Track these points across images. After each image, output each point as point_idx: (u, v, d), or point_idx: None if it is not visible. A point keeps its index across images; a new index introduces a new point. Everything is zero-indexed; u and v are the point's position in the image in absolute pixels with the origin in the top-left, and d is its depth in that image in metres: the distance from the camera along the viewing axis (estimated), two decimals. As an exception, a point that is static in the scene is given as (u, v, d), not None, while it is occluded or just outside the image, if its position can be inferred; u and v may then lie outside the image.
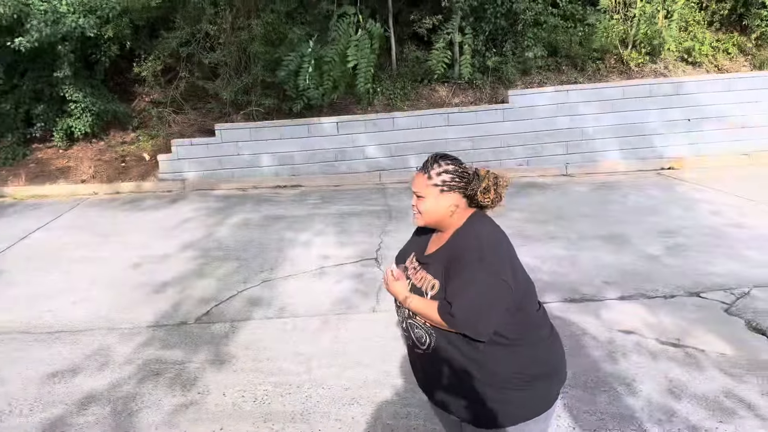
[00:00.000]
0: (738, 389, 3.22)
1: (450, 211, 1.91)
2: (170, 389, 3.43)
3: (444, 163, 1.92)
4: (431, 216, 1.93)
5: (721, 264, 5.14)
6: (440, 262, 1.89)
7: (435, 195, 1.90)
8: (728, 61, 10.52)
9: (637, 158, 9.77)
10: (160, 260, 5.77)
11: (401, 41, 10.67)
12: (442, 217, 1.92)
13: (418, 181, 1.93)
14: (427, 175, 1.91)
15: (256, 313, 4.48)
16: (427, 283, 1.89)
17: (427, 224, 1.97)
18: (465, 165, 1.95)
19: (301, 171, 9.55)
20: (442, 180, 1.90)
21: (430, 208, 1.91)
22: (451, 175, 1.90)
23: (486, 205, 1.95)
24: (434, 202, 1.90)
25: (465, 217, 1.93)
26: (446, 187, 1.89)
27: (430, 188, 1.90)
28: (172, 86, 10.29)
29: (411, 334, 1.98)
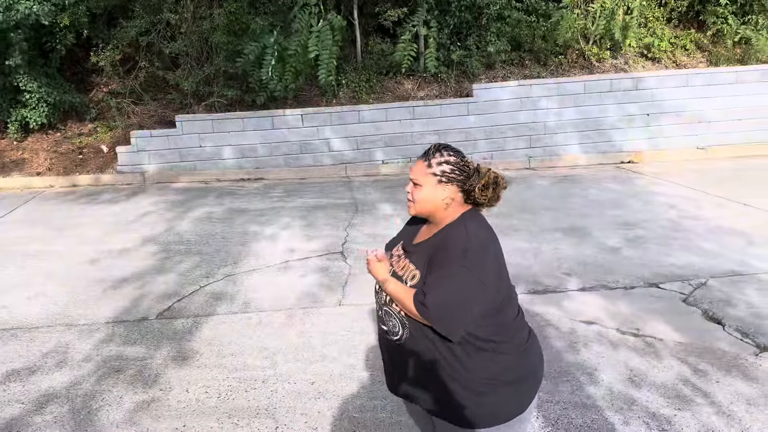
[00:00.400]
0: (694, 377, 3.31)
1: (445, 204, 1.87)
2: (131, 386, 3.35)
3: (446, 153, 1.88)
4: (425, 205, 1.89)
5: (678, 255, 5.28)
6: (424, 253, 1.86)
7: (432, 184, 1.86)
8: (686, 57, 10.80)
9: (598, 152, 9.96)
10: (119, 255, 5.63)
11: (366, 33, 10.62)
12: (436, 209, 1.88)
13: (417, 168, 1.89)
14: (427, 163, 1.87)
15: (220, 308, 4.41)
16: (408, 272, 1.86)
17: (419, 213, 1.93)
18: (467, 159, 1.92)
19: (265, 164, 9.43)
20: (442, 170, 1.86)
21: (426, 197, 1.87)
22: (452, 166, 1.86)
23: (482, 203, 1.90)
24: (431, 192, 1.86)
25: (459, 213, 1.89)
26: (445, 178, 1.85)
27: (428, 177, 1.86)
28: (132, 76, 10.03)
29: (385, 322, 1.95)
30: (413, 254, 1.91)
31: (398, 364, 1.96)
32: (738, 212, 6.56)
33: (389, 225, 6.45)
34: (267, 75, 8.74)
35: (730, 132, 10.14)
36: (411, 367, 1.90)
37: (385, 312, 1.94)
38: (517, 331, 1.92)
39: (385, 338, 1.98)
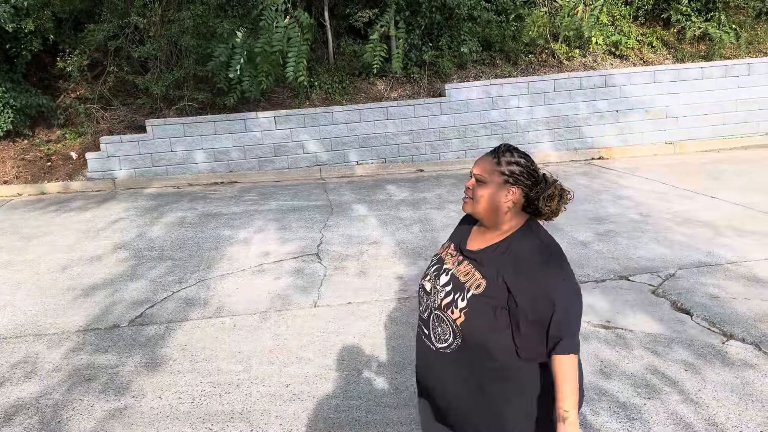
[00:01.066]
0: (663, 367, 3.38)
1: (507, 207, 1.75)
2: (103, 394, 3.31)
3: (517, 154, 1.76)
4: (484, 205, 1.76)
5: (648, 248, 5.38)
6: (494, 264, 1.72)
7: (498, 184, 1.74)
8: (653, 54, 11.00)
9: (569, 149, 10.10)
10: (89, 262, 5.55)
11: (338, 35, 10.62)
12: (496, 211, 1.76)
13: (483, 164, 1.77)
14: (496, 160, 1.75)
15: (193, 313, 4.37)
16: (473, 281, 1.73)
17: (475, 212, 1.80)
18: (535, 165, 1.80)
19: (238, 167, 9.37)
20: (511, 171, 1.74)
21: (488, 197, 1.75)
22: (522, 168, 1.74)
23: (543, 214, 1.78)
24: (494, 192, 1.74)
25: (519, 220, 1.78)
26: (513, 179, 1.74)
27: (495, 175, 1.74)
28: (100, 81, 9.88)
29: (430, 326, 1.82)
30: (478, 262, 1.77)
31: (441, 377, 1.81)
32: (705, 205, 6.70)
33: (365, 226, 6.46)
34: (235, 75, 8.65)
35: (697, 127, 10.36)
36: (458, 378, 1.76)
37: (435, 316, 1.80)
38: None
39: (424, 343, 1.85)
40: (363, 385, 3.30)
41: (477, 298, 1.70)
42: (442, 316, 1.77)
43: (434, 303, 1.81)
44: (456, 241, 1.92)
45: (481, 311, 1.69)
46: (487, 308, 1.68)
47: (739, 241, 5.44)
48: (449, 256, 1.88)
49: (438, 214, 6.78)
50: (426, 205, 7.27)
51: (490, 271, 1.71)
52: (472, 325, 1.70)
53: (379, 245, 5.78)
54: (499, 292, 1.68)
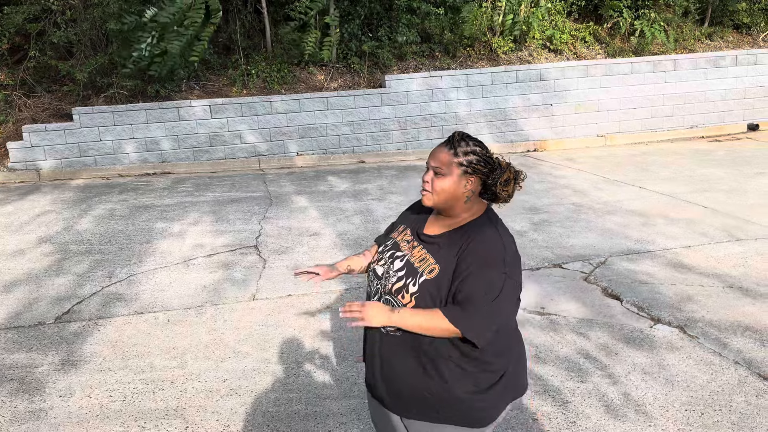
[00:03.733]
0: (594, 351, 3.49)
1: (465, 197, 1.76)
2: (27, 395, 3.13)
3: (472, 143, 1.76)
4: (445, 197, 1.76)
5: (580, 237, 5.55)
6: (450, 250, 1.73)
7: (457, 175, 1.74)
8: (585, 49, 11.34)
9: (506, 141, 10.30)
10: (12, 258, 5.24)
11: (276, 23, 10.42)
12: (456, 201, 1.77)
13: (440, 156, 1.75)
14: (453, 151, 1.74)
15: (124, 309, 4.20)
16: (427, 266, 1.73)
17: (436, 205, 1.78)
18: (491, 152, 1.82)
19: (172, 157, 9.07)
20: (469, 160, 1.74)
21: (448, 188, 1.74)
22: (478, 157, 1.75)
23: (501, 199, 1.81)
24: (455, 183, 1.74)
25: (478, 207, 1.80)
26: (471, 169, 1.74)
27: (453, 166, 1.73)
28: (21, 67, 9.34)
29: None
30: (432, 245, 1.78)
31: (387, 359, 1.81)
32: (634, 195, 6.98)
33: (305, 217, 6.38)
34: (140, 53, 8.26)
35: (626, 120, 10.77)
36: (404, 360, 1.77)
37: (384, 301, 1.80)
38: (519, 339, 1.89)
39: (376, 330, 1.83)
40: (303, 378, 3.26)
41: (429, 282, 1.70)
42: (392, 301, 1.77)
43: (384, 287, 1.81)
44: (412, 226, 1.91)
45: (432, 297, 1.70)
46: (437, 294, 1.70)
47: (667, 229, 5.70)
48: (405, 241, 1.87)
49: (379, 206, 6.78)
50: (367, 196, 7.25)
51: (447, 256, 1.72)
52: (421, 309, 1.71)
53: (320, 237, 5.73)
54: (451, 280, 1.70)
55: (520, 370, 1.86)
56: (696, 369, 3.26)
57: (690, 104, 10.99)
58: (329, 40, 9.58)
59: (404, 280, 1.75)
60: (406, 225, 1.95)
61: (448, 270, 1.70)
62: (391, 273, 1.81)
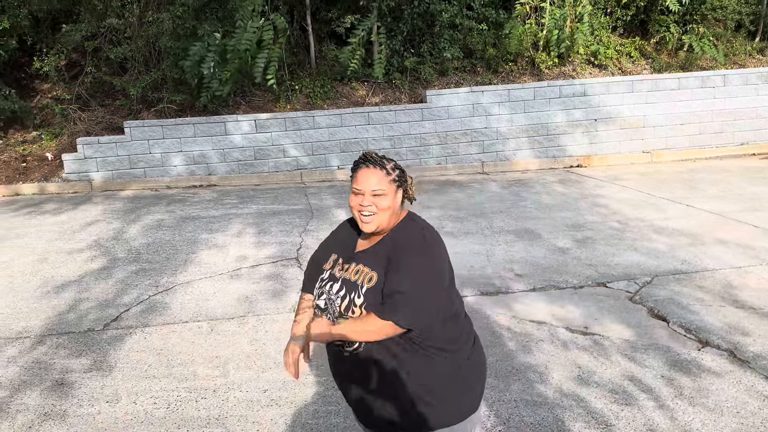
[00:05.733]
0: (640, 373, 3.40)
1: (398, 208, 1.86)
2: (76, 400, 3.24)
3: (386, 159, 1.86)
4: (388, 214, 1.82)
5: (625, 255, 5.43)
6: (379, 254, 1.80)
7: (393, 191, 1.83)
8: (631, 64, 11.17)
9: (548, 157, 10.19)
10: (64, 265, 5.44)
11: (320, 39, 10.61)
12: (393, 215, 1.84)
13: (376, 178, 1.81)
14: (384, 171, 1.82)
15: (169, 317, 4.31)
16: (364, 275, 1.78)
17: (379, 227, 1.83)
18: None
19: (217, 170, 9.29)
20: (398, 175, 1.85)
21: (390, 205, 1.81)
22: (399, 170, 1.87)
23: (413, 199, 1.95)
24: (393, 198, 1.82)
25: (402, 213, 1.90)
26: (399, 182, 1.86)
27: (389, 184, 1.81)
28: (77, 82, 9.74)
29: None
30: (364, 257, 1.84)
31: (355, 377, 1.87)
32: (681, 213, 6.80)
33: (344, 230, 6.43)
34: (208, 72, 8.56)
35: (673, 136, 10.53)
36: (368, 377, 1.83)
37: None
38: (469, 332, 1.93)
39: (336, 352, 1.89)
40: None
41: (372, 290, 1.76)
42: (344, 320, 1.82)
43: (334, 313, 1.83)
44: (343, 253, 1.95)
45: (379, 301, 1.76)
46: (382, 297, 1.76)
47: (715, 249, 5.53)
48: (339, 270, 1.89)
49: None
50: (406, 210, 7.27)
51: (380, 261, 1.79)
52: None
53: (359, 250, 5.76)
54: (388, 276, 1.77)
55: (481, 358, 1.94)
56: (746, 395, 3.15)
57: (740, 120, 10.68)
58: (379, 58, 9.71)
59: (348, 296, 1.80)
60: (335, 252, 1.98)
61: (384, 271, 1.78)
62: (333, 297, 1.84)
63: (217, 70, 8.63)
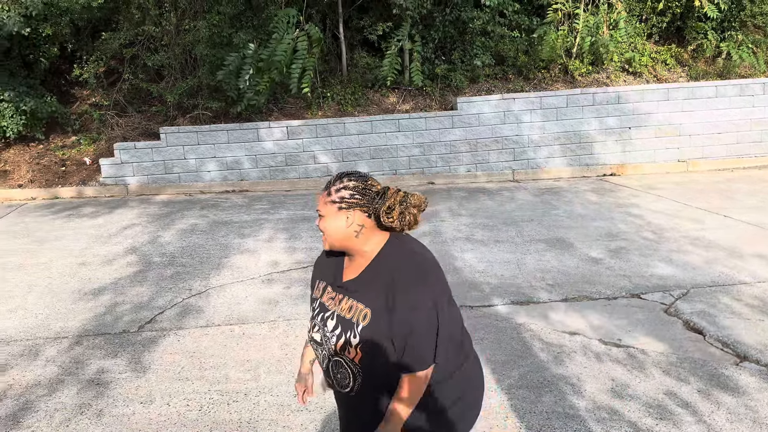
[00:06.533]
0: (675, 387, 3.33)
1: (354, 231, 1.74)
2: (112, 400, 3.31)
3: (347, 179, 1.76)
4: (333, 236, 1.76)
5: (660, 266, 5.33)
6: (371, 287, 1.73)
7: (333, 213, 1.74)
8: (666, 72, 10.98)
9: (581, 165, 10.07)
10: (100, 267, 5.57)
11: (352, 47, 10.68)
12: (347, 238, 1.75)
13: (320, 199, 1.79)
14: (327, 191, 1.76)
15: (202, 320, 4.37)
16: (358, 312, 1.72)
17: (332, 246, 1.78)
18: (371, 182, 1.78)
19: (249, 176, 9.42)
20: (341, 196, 1.73)
21: (329, 227, 1.75)
22: (351, 191, 1.73)
23: (390, 227, 1.75)
24: (333, 221, 1.74)
25: (379, 241, 1.77)
26: (345, 204, 1.73)
27: (328, 206, 1.75)
28: (115, 89, 9.99)
29: (333, 374, 1.80)
30: (356, 292, 1.76)
31: (351, 418, 1.85)
32: (718, 224, 6.65)
33: (374, 237, 6.45)
34: (244, 84, 8.73)
35: (710, 145, 10.31)
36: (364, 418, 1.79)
37: (334, 363, 1.78)
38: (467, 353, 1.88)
39: (335, 390, 1.86)
40: (371, 398, 3.28)
41: (367, 328, 1.69)
42: (341, 360, 1.76)
43: (329, 351, 1.79)
44: (329, 280, 1.89)
45: (376, 341, 1.68)
46: (380, 336, 1.68)
47: (753, 261, 5.39)
48: (329, 299, 1.84)
49: (448, 227, 6.77)
50: (436, 217, 7.26)
51: (372, 296, 1.71)
52: (371, 357, 1.69)
53: (389, 257, 5.77)
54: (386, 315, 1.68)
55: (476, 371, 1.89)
56: (788, 413, 3.06)
57: (781, 129, 10.40)
58: (414, 65, 9.75)
59: (344, 335, 1.73)
60: (321, 279, 1.93)
61: (379, 307, 1.69)
62: (329, 335, 1.78)
63: (253, 81, 8.77)
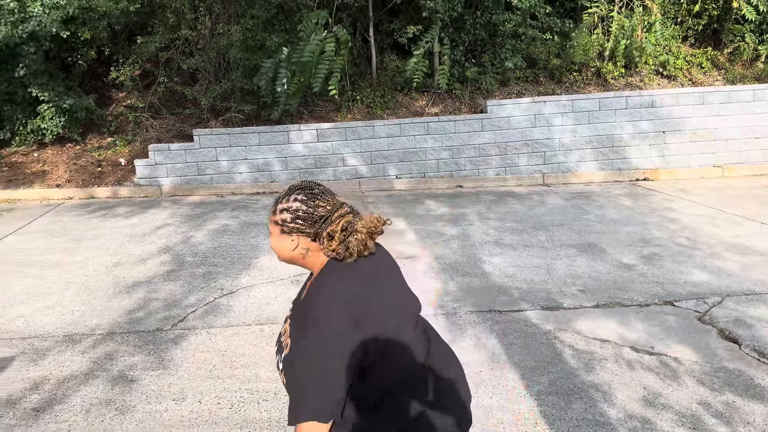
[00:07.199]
0: (710, 398, 3.27)
1: (300, 254, 1.64)
2: (144, 396, 3.38)
3: (293, 198, 1.62)
4: (281, 256, 1.67)
5: (694, 273, 5.23)
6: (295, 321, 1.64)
7: (277, 233, 1.64)
8: (702, 75, 10.76)
9: (613, 169, 9.93)
10: (135, 266, 5.69)
11: (382, 50, 10.72)
12: (293, 259, 1.66)
13: (270, 215, 1.69)
14: (273, 209, 1.66)
15: (233, 320, 4.44)
16: (286, 340, 1.63)
17: (282, 260, 1.69)
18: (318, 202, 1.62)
19: (279, 178, 9.51)
20: (282, 219, 1.62)
21: (275, 247, 1.66)
22: (292, 215, 1.61)
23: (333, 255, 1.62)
24: (278, 242, 1.65)
25: (321, 263, 1.65)
26: (286, 228, 1.62)
27: (272, 225, 1.66)
28: (150, 91, 10.19)
29: None
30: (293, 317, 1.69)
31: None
32: (755, 231, 6.49)
33: (402, 240, 6.47)
34: (282, 89, 8.86)
35: (747, 150, 10.06)
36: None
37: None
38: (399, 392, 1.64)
39: None
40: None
41: (286, 359, 1.58)
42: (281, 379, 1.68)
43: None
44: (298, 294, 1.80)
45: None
46: None
47: (792, 270, 5.25)
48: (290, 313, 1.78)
49: (477, 231, 6.74)
50: (465, 220, 7.24)
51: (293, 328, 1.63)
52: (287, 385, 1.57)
53: (416, 260, 5.78)
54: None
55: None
56: (828, 426, 2.97)
57: (822, 134, 10.10)
58: (442, 68, 9.76)
59: (277, 357, 1.67)
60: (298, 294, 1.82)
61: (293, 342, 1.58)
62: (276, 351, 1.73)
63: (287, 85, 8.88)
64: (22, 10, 8.20)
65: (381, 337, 1.57)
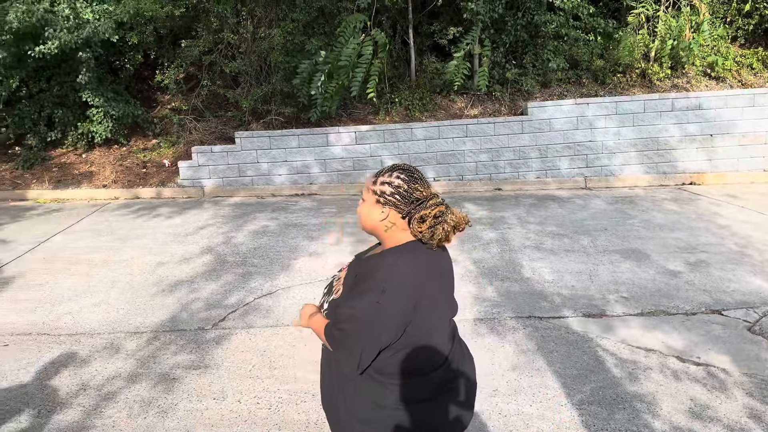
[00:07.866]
0: (759, 410, 3.15)
1: (385, 226, 1.79)
2: (186, 394, 3.44)
3: (395, 174, 1.79)
4: (365, 222, 1.84)
5: (743, 281, 5.05)
6: (353, 272, 1.83)
7: (371, 202, 1.80)
8: (752, 77, 10.40)
9: (658, 173, 9.68)
10: (178, 266, 5.81)
11: (421, 52, 10.70)
12: (375, 229, 1.82)
13: (366, 183, 1.86)
14: (374, 179, 1.83)
15: (272, 320, 4.48)
16: (338, 287, 1.87)
17: (363, 228, 1.87)
18: (417, 185, 1.79)
19: (318, 180, 9.58)
20: (381, 190, 1.79)
21: (364, 213, 1.83)
22: (392, 189, 1.77)
23: (416, 237, 1.77)
24: (368, 210, 1.81)
25: (400, 238, 1.79)
26: (383, 199, 1.78)
27: (369, 193, 1.82)
28: (194, 94, 10.41)
29: None
30: (350, 268, 1.90)
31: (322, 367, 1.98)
32: (809, 238, 6.23)
33: (441, 243, 6.42)
34: (316, 91, 8.92)
35: (800, 154, 9.67)
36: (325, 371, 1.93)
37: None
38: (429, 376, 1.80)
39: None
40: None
41: (333, 303, 1.83)
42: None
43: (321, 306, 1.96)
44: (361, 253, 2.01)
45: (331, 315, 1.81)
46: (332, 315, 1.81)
47: None
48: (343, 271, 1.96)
49: (516, 234, 6.66)
50: (504, 224, 7.15)
51: (349, 279, 1.83)
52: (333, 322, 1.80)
53: (455, 263, 5.73)
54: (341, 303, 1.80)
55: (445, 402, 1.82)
56: None
57: None
58: (482, 70, 9.69)
59: (323, 298, 1.94)
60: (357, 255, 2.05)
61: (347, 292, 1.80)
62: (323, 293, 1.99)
63: (324, 87, 8.95)
64: (76, 17, 8.47)
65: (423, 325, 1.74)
